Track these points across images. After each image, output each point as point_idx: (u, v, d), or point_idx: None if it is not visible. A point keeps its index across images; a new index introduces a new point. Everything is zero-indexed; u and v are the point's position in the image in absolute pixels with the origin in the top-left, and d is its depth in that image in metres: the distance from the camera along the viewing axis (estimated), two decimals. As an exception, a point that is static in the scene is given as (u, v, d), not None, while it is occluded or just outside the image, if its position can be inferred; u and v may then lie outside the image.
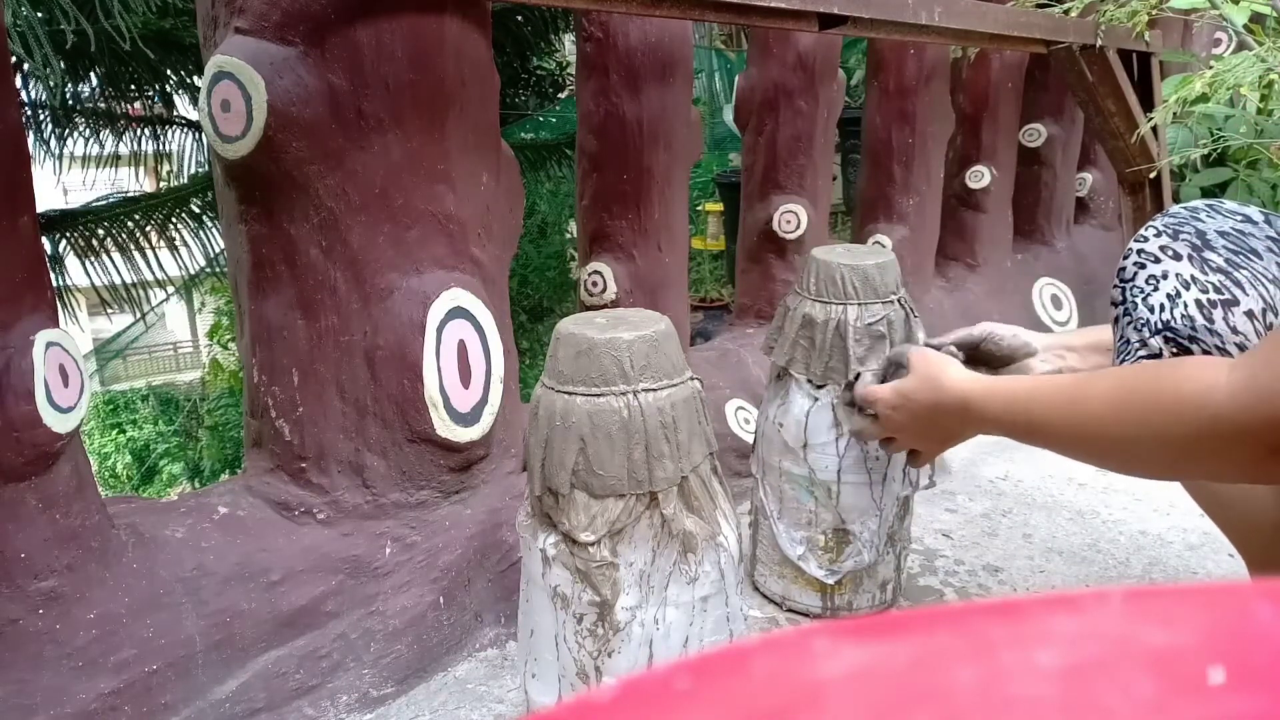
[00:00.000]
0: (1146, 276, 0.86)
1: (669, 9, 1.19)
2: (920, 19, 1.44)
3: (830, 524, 1.19)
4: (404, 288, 1.05)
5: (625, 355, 0.82)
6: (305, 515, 1.07)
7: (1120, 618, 0.17)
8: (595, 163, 1.57)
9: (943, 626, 0.17)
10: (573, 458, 0.82)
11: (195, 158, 4.80)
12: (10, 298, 0.81)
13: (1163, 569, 1.39)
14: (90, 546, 0.88)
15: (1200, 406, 0.62)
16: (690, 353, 1.78)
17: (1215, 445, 0.62)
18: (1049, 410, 0.79)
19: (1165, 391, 0.66)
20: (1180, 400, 0.64)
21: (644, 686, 0.17)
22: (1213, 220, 0.87)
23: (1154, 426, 0.67)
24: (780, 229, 1.88)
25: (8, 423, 0.79)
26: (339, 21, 0.96)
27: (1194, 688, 0.15)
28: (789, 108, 1.85)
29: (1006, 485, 1.71)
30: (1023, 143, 2.64)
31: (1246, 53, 1.73)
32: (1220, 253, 0.84)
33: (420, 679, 1.11)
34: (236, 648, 0.97)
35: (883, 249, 1.23)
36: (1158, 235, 0.88)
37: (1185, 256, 0.84)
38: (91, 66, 3.80)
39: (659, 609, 0.84)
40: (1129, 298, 0.87)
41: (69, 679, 0.85)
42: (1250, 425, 0.59)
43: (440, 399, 1.06)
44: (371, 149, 1.00)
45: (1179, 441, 0.65)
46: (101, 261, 4.15)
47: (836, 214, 4.64)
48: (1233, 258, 0.84)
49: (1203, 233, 0.86)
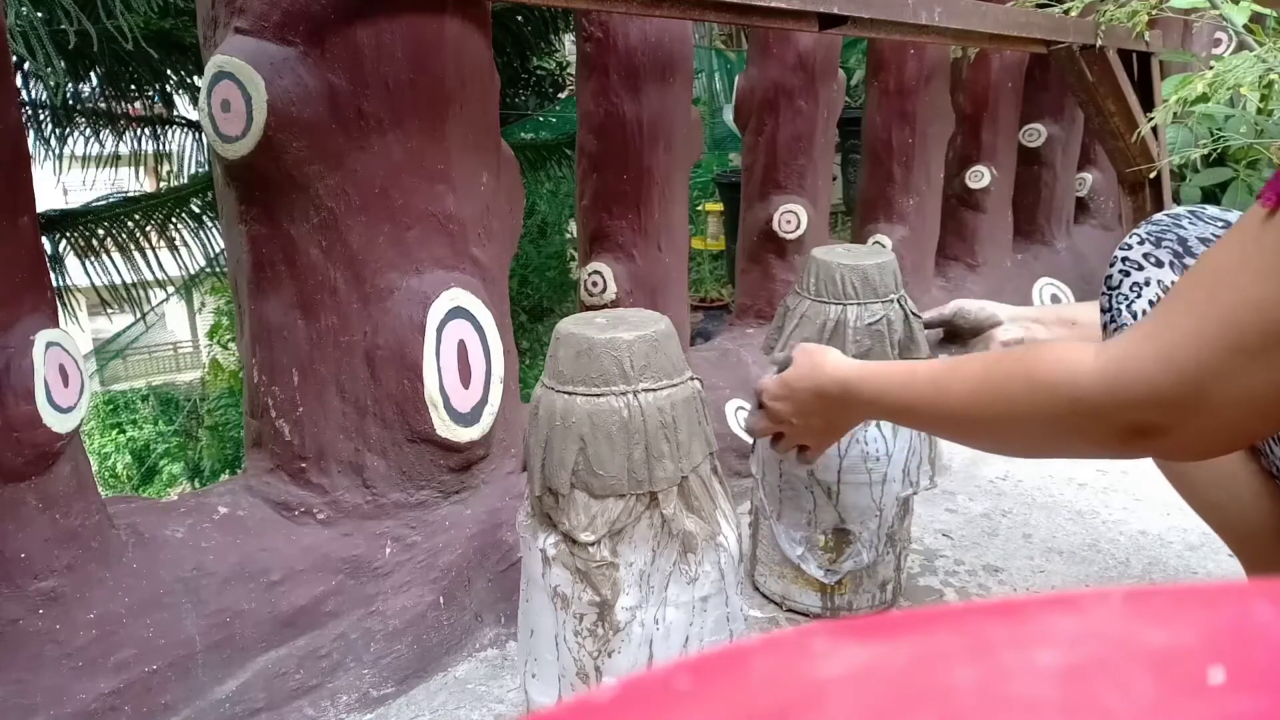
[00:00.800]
0: (1131, 284, 0.87)
1: (669, 9, 1.19)
2: (920, 19, 1.44)
3: (830, 524, 1.19)
4: (404, 288, 1.05)
5: (625, 355, 0.82)
6: (305, 515, 1.07)
7: (1120, 618, 0.17)
8: (595, 163, 1.57)
9: (943, 626, 0.17)
10: (573, 458, 0.82)
11: (195, 158, 4.80)
12: (10, 298, 0.81)
13: (1163, 569, 1.39)
14: (90, 546, 0.88)
15: (1063, 388, 0.64)
16: (690, 353, 1.78)
17: (1076, 425, 0.64)
18: (919, 392, 0.81)
19: (1026, 375, 0.68)
20: (1041, 383, 0.66)
21: (644, 686, 0.17)
22: (1194, 227, 0.88)
23: (1014, 407, 0.69)
24: (780, 229, 1.88)
25: (8, 423, 0.79)
26: (339, 21, 0.96)
27: (1194, 688, 0.15)
28: (789, 108, 1.85)
29: (1006, 485, 1.71)
30: (1023, 143, 2.64)
31: (1246, 53, 1.73)
32: None
33: (420, 679, 1.11)
34: (236, 648, 0.97)
35: (883, 249, 1.23)
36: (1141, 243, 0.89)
37: (1167, 263, 0.86)
38: (92, 66, 3.80)
39: (659, 609, 0.84)
40: (1114, 305, 0.88)
41: (69, 679, 0.85)
42: (1110, 407, 0.61)
43: (440, 399, 1.06)
44: (371, 149, 1.00)
45: (1040, 422, 0.67)
46: (101, 261, 4.15)
47: (836, 214, 4.64)
48: None
49: (1184, 239, 0.87)
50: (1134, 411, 0.60)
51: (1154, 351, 0.59)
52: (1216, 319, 0.57)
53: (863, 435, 1.15)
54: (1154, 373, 0.59)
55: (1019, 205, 2.63)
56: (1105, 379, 0.61)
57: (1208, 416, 0.58)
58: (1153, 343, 0.60)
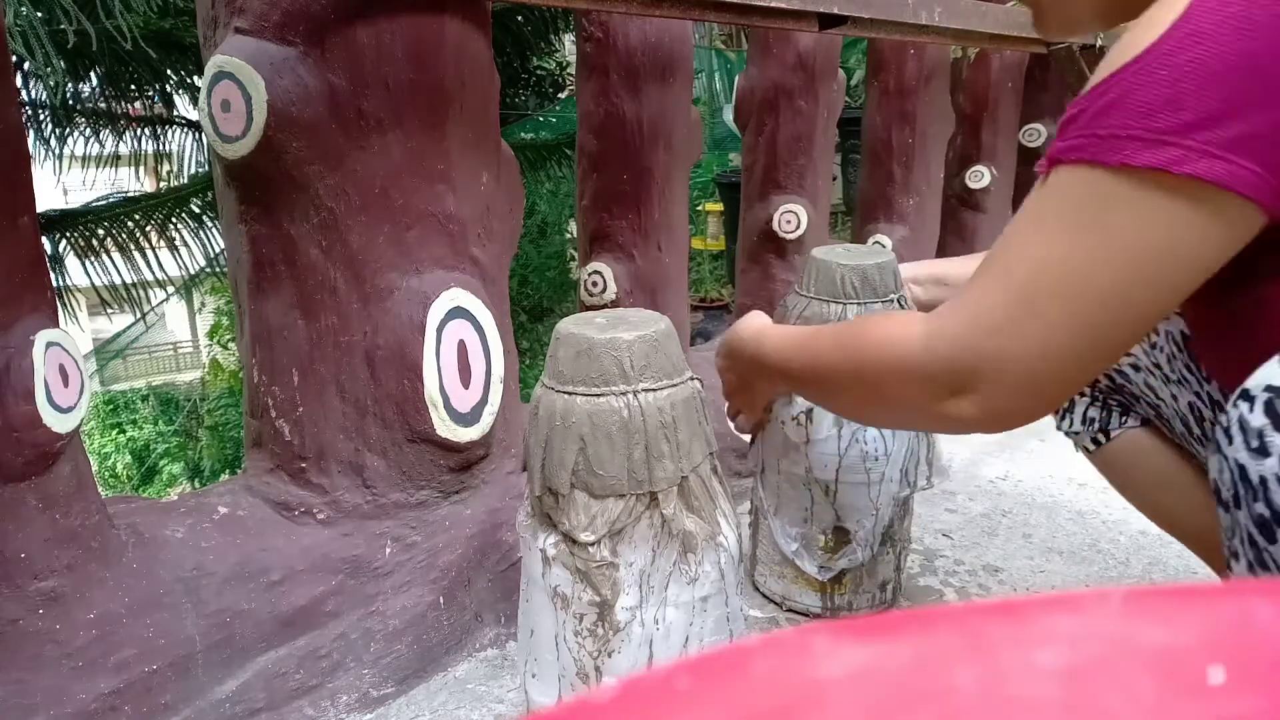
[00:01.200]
0: None
1: (669, 9, 1.19)
2: (920, 19, 1.44)
3: (828, 522, 1.19)
4: (404, 288, 1.05)
5: (625, 355, 0.82)
6: (305, 515, 1.07)
7: (1120, 618, 0.17)
8: (595, 163, 1.57)
9: (943, 626, 0.17)
10: (573, 458, 0.82)
11: (195, 158, 4.80)
12: (10, 298, 0.81)
13: (1163, 569, 1.39)
14: (90, 546, 0.88)
15: (894, 347, 0.69)
16: (690, 353, 1.78)
17: (900, 384, 0.69)
18: (794, 349, 0.86)
19: (870, 333, 0.73)
20: (878, 342, 0.71)
21: (644, 686, 0.17)
22: None
23: (855, 364, 0.74)
24: (780, 229, 1.88)
25: (8, 423, 0.79)
26: (339, 21, 0.96)
27: (1194, 688, 0.15)
28: (789, 108, 1.85)
29: (1006, 485, 1.71)
30: (1023, 143, 2.64)
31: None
32: None
33: (420, 679, 1.11)
34: (236, 648, 0.97)
35: (883, 249, 1.23)
36: None
37: None
38: (92, 66, 3.80)
39: (659, 609, 0.84)
40: None
41: (69, 679, 0.85)
42: (928, 366, 0.66)
43: (440, 399, 1.06)
44: (371, 149, 1.00)
45: (871, 379, 0.72)
46: (101, 261, 4.15)
47: (836, 214, 4.64)
48: None
49: None
50: (948, 369, 0.64)
51: (960, 311, 0.65)
52: (1005, 278, 0.62)
53: (862, 435, 1.15)
54: (960, 330, 0.64)
55: (1019, 205, 2.63)
56: (925, 340, 0.66)
57: (1008, 371, 0.62)
58: (960, 305, 0.65)
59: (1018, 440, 1.93)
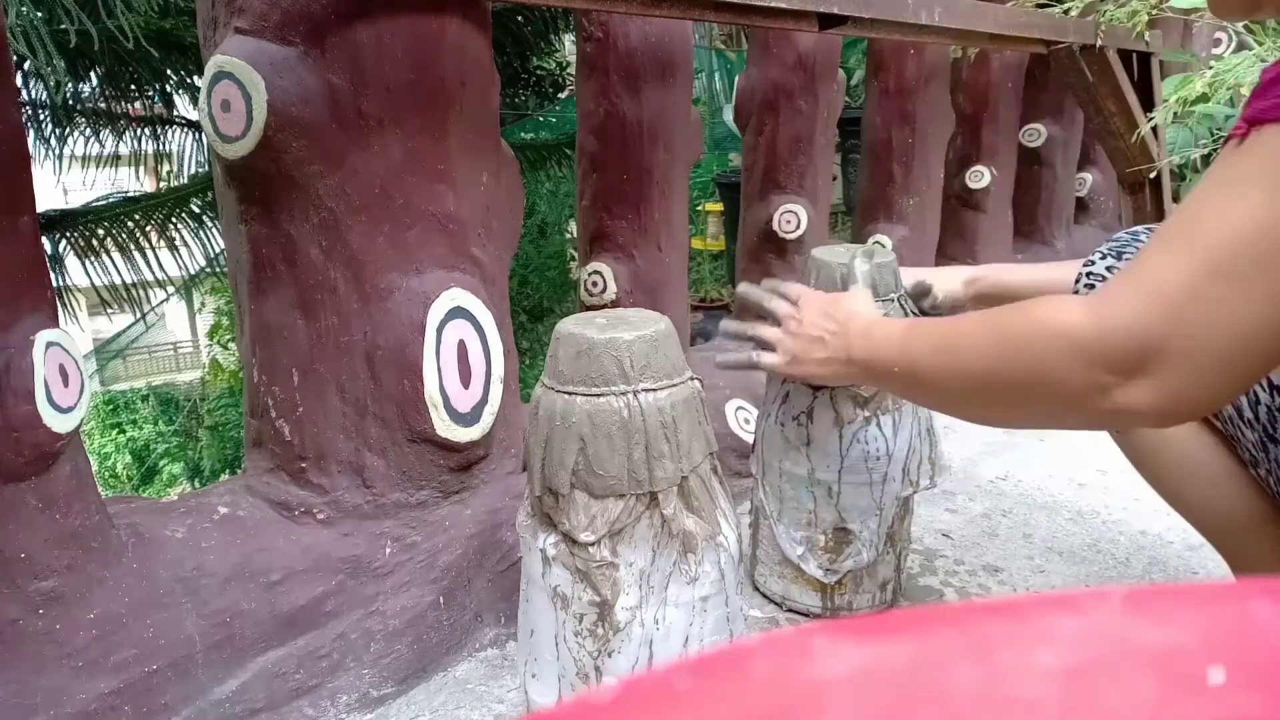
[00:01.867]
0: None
1: (669, 9, 1.19)
2: (920, 19, 1.44)
3: (830, 523, 1.19)
4: (404, 288, 1.05)
5: (625, 355, 0.82)
6: (305, 515, 1.07)
7: (1120, 618, 0.17)
8: (595, 163, 1.57)
9: (943, 626, 0.17)
10: (573, 458, 0.82)
11: (195, 158, 4.80)
12: (10, 298, 0.81)
13: (1163, 569, 1.39)
14: (90, 546, 0.88)
15: (1056, 326, 0.63)
16: (690, 353, 1.78)
17: (1061, 370, 0.62)
18: (919, 341, 0.80)
19: (1023, 315, 0.67)
20: (1036, 322, 0.65)
21: (644, 686, 0.17)
22: None
23: (1003, 351, 0.68)
24: (780, 229, 1.88)
25: (8, 423, 0.79)
26: (339, 21, 0.96)
27: (1194, 688, 0.15)
28: (789, 108, 1.85)
29: (1006, 485, 1.71)
30: (1023, 143, 2.64)
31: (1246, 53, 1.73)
32: None
33: (420, 679, 1.11)
34: (236, 648, 0.97)
35: (883, 249, 1.23)
36: (1104, 258, 0.93)
37: None
38: (92, 66, 3.81)
39: (659, 609, 0.84)
40: None
41: (69, 679, 0.85)
42: (1097, 343, 0.60)
43: (440, 399, 1.06)
44: (371, 149, 1.00)
45: (1020, 369, 0.66)
46: (101, 261, 4.15)
47: (836, 214, 4.64)
48: None
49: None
50: (1122, 348, 0.59)
51: (1136, 285, 0.59)
52: (1194, 246, 0.56)
53: (864, 434, 1.15)
54: (1137, 305, 0.58)
55: (1019, 205, 2.63)
56: (1093, 316, 0.60)
57: (1197, 349, 0.56)
58: (1134, 279, 0.59)
59: (1018, 440, 1.93)
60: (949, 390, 0.77)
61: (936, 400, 0.82)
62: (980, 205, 2.46)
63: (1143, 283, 0.58)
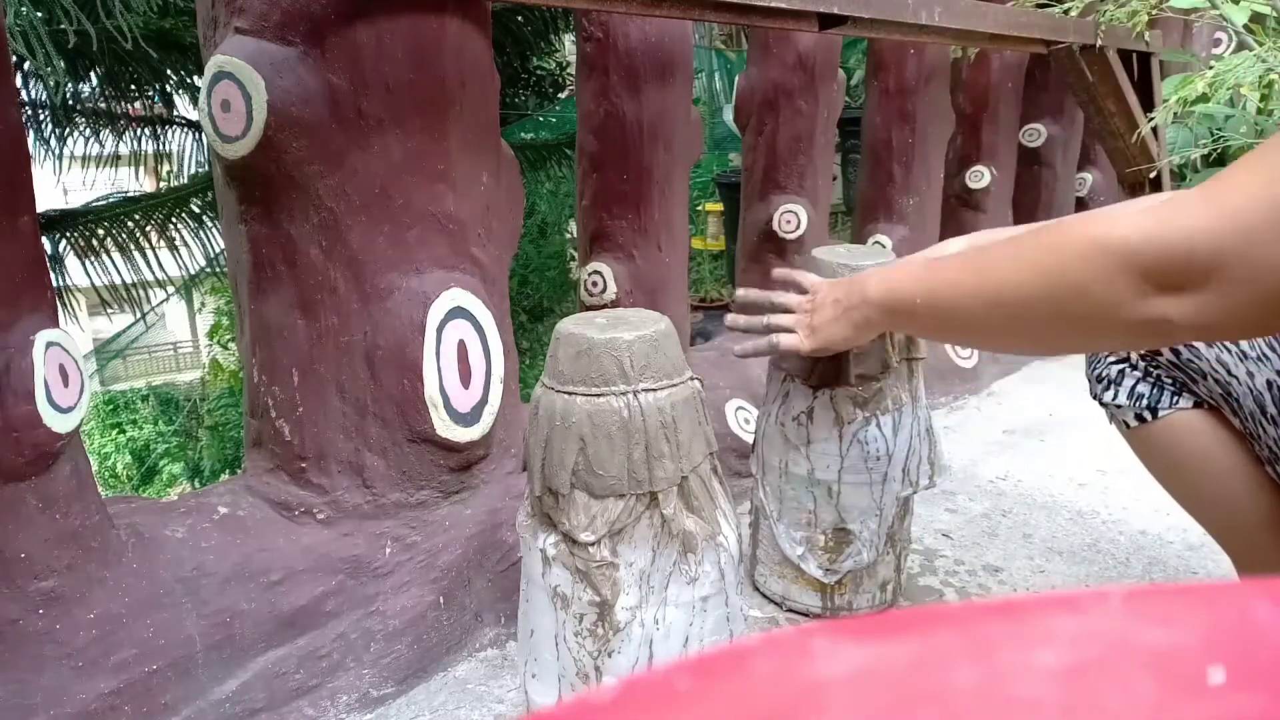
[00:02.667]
0: None
1: (669, 9, 1.19)
2: (920, 19, 1.44)
3: (830, 523, 1.19)
4: (404, 288, 1.05)
5: (625, 355, 0.82)
6: (305, 515, 1.07)
7: (1120, 618, 0.17)
8: (595, 163, 1.57)
9: (943, 626, 0.17)
10: (573, 458, 0.82)
11: (195, 158, 4.80)
12: (10, 298, 0.81)
13: (1163, 569, 1.39)
14: (90, 546, 0.88)
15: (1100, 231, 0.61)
16: (690, 353, 1.78)
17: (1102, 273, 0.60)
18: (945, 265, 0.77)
19: (1068, 227, 0.65)
20: (1079, 234, 0.63)
21: (644, 686, 0.17)
22: None
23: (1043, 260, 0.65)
24: (780, 229, 1.88)
25: (8, 423, 0.79)
26: (339, 21, 0.96)
27: (1194, 688, 0.15)
28: (789, 108, 1.85)
29: (1006, 485, 1.71)
30: (1023, 143, 2.64)
31: (1246, 53, 1.73)
32: None
33: (420, 679, 1.11)
34: (236, 648, 0.97)
35: (883, 249, 1.23)
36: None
37: None
38: (92, 66, 3.81)
39: (659, 609, 0.84)
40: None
41: (69, 679, 0.85)
42: (1147, 253, 0.58)
43: (440, 399, 1.06)
44: (371, 149, 1.00)
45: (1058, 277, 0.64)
46: (101, 261, 4.15)
47: (836, 214, 4.64)
48: None
49: None
50: (1173, 256, 0.57)
51: (1204, 198, 0.56)
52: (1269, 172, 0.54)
53: (864, 435, 1.15)
54: (1201, 215, 0.56)
55: (1019, 205, 2.63)
56: (1147, 222, 0.58)
57: (1252, 274, 0.54)
58: (1208, 193, 0.57)
59: (1018, 440, 1.93)
60: (979, 316, 0.74)
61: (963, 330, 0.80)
62: (980, 205, 2.46)
63: (1218, 196, 0.56)
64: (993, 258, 0.72)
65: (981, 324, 0.75)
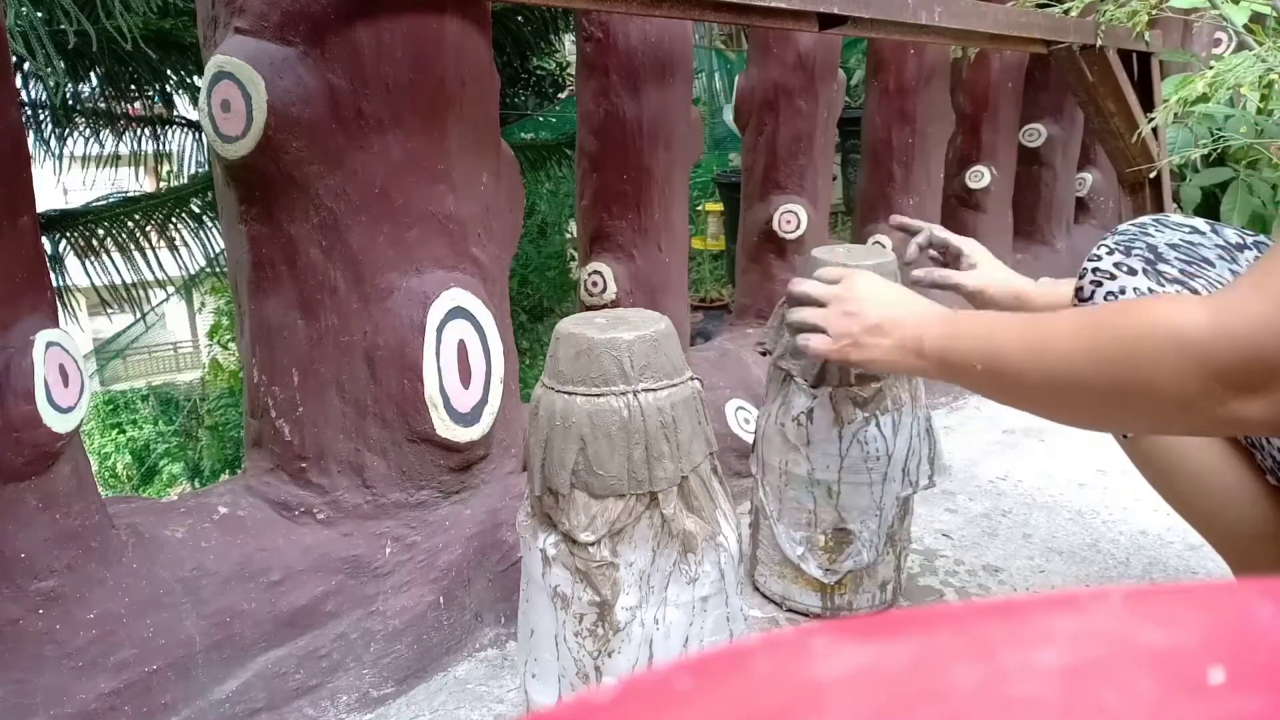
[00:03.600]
0: (1105, 293, 0.86)
1: (669, 9, 1.19)
2: (920, 19, 1.44)
3: (830, 524, 1.19)
4: (404, 288, 1.05)
5: (625, 355, 0.82)
6: (305, 515, 1.07)
7: (1120, 618, 0.17)
8: (595, 163, 1.57)
9: (943, 626, 0.17)
10: (573, 458, 0.82)
11: (195, 158, 4.80)
12: (10, 298, 0.81)
13: (1163, 569, 1.39)
14: (90, 546, 0.88)
15: (1170, 329, 0.60)
16: (690, 353, 1.78)
17: (1173, 375, 0.59)
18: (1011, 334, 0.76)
19: (1132, 314, 0.64)
20: (1147, 323, 0.62)
21: (644, 686, 0.17)
22: (1161, 234, 0.88)
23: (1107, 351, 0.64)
24: (780, 229, 1.88)
25: (8, 423, 0.79)
26: (339, 21, 0.96)
27: (1194, 688, 0.15)
28: (789, 108, 1.85)
29: (1006, 485, 1.71)
30: (1023, 143, 2.64)
31: (1246, 53, 1.73)
32: (1173, 264, 0.85)
33: (420, 679, 1.11)
34: (236, 648, 0.97)
35: (883, 249, 1.23)
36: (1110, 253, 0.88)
37: (1140, 270, 0.85)
38: (92, 66, 3.81)
39: (659, 609, 0.84)
40: None
41: (69, 679, 0.85)
42: (1219, 357, 0.57)
43: (440, 399, 1.06)
44: (371, 149, 1.00)
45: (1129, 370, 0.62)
46: (101, 261, 4.15)
47: (836, 214, 4.65)
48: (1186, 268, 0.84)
49: (1154, 246, 0.86)
50: (1243, 358, 0.56)
51: (1264, 295, 0.55)
52: None
53: (863, 435, 1.15)
54: (1264, 313, 0.55)
55: (1019, 205, 2.63)
56: (1213, 320, 0.57)
57: None
58: (1261, 289, 0.55)
59: (1018, 440, 1.93)
60: (1041, 392, 0.73)
61: (1023, 400, 0.78)
62: (980, 205, 2.46)
63: (1270, 292, 0.55)
64: (1060, 338, 0.70)
65: (1043, 400, 0.74)
